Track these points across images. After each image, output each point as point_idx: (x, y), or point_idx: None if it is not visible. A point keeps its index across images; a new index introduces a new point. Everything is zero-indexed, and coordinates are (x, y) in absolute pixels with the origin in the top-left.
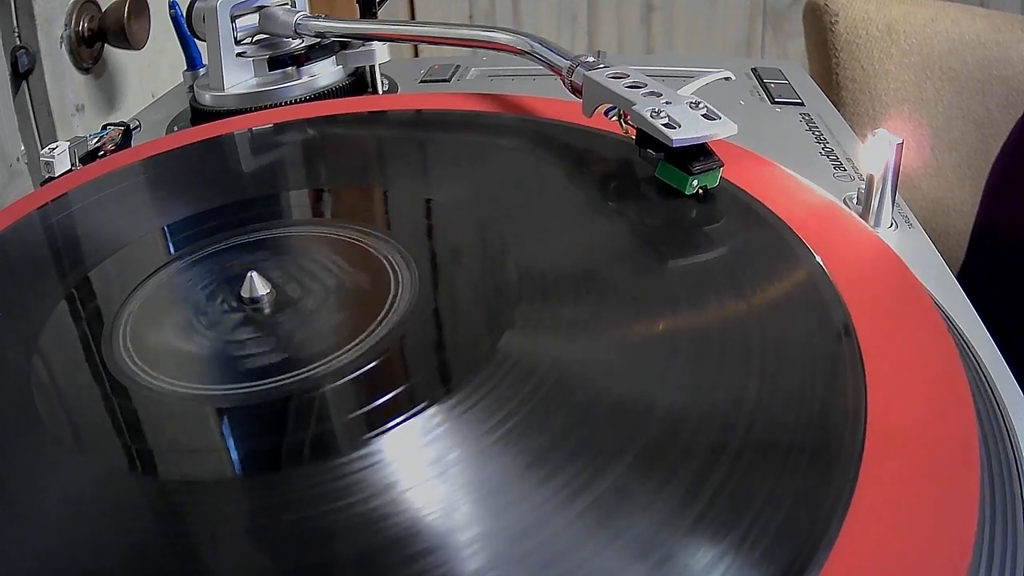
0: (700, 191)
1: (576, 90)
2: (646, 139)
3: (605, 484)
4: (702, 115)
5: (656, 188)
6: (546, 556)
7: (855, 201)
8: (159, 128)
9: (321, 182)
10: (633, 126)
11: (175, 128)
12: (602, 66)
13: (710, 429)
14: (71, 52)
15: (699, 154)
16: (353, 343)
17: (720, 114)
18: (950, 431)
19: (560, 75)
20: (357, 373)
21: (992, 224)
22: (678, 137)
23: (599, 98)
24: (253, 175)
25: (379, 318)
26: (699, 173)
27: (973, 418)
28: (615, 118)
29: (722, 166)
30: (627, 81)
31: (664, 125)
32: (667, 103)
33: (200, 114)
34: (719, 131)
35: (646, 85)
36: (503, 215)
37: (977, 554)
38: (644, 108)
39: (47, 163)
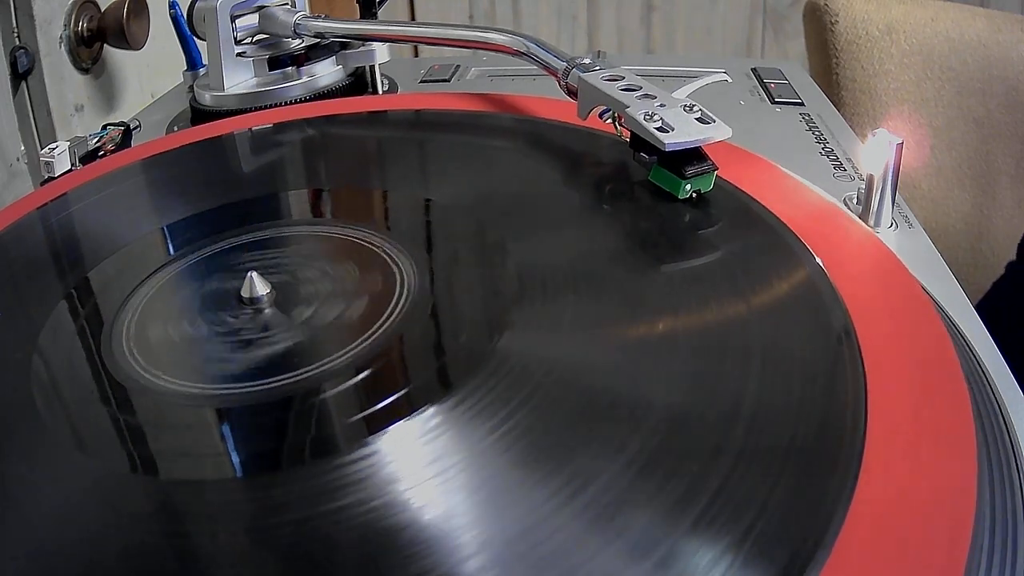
0: (694, 195)
1: (571, 92)
2: (640, 143)
3: (604, 484)
4: (696, 119)
5: (656, 187)
6: (545, 556)
7: (855, 201)
8: (159, 128)
9: (321, 182)
10: (628, 128)
11: (175, 128)
12: (598, 68)
13: (710, 429)
14: (70, 52)
15: (693, 158)
16: (353, 343)
17: (715, 117)
18: (949, 431)
19: (556, 76)
20: (357, 373)
21: None
22: (671, 141)
23: (594, 100)
24: (253, 175)
25: (379, 318)
26: (692, 177)
27: (972, 418)
28: (610, 120)
29: (716, 170)
30: (621, 84)
31: (657, 129)
32: (661, 106)
33: (200, 114)
34: (713, 135)
35: (641, 88)
36: (503, 216)
37: (977, 554)
38: (637, 111)
39: (47, 163)
